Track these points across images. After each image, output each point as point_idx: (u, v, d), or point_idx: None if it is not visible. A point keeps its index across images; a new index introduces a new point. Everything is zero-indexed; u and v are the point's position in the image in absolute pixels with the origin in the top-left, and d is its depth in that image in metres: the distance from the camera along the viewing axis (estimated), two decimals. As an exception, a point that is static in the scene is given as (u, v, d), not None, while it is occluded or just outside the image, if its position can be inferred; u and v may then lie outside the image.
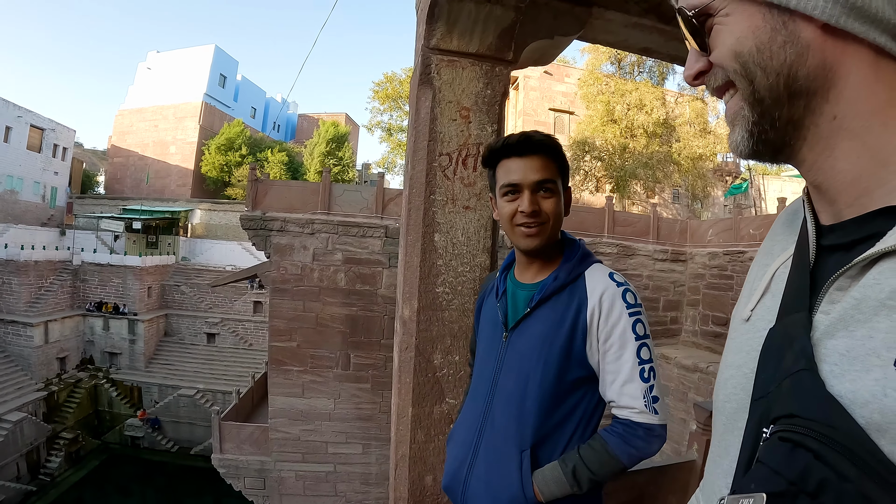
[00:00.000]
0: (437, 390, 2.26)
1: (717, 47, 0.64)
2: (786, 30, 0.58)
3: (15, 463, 24.16)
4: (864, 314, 0.52)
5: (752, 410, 0.63)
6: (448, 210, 2.25)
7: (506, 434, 1.50)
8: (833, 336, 0.55)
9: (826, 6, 0.55)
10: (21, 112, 36.04)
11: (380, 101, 35.40)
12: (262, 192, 14.32)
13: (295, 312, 13.95)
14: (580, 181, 26.31)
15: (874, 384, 0.48)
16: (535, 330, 1.51)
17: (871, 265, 0.53)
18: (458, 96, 2.28)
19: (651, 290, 15.98)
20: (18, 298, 28.44)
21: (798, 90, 0.58)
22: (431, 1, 2.12)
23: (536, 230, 1.50)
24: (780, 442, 0.54)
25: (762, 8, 0.58)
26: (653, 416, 1.41)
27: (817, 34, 0.57)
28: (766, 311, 0.69)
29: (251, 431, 15.42)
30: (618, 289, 1.48)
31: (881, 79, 0.56)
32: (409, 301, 2.26)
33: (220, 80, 48.88)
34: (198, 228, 39.68)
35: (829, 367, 0.54)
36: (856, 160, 0.57)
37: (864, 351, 0.50)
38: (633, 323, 1.44)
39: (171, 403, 29.07)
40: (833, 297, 0.57)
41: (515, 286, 1.62)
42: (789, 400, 0.55)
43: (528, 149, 1.52)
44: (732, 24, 0.61)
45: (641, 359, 1.43)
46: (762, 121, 0.62)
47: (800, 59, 0.57)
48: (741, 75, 0.61)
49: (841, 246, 0.60)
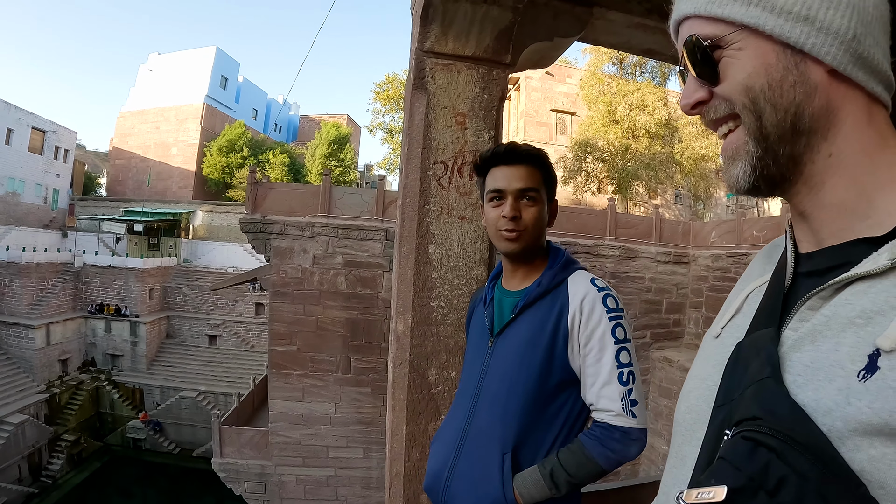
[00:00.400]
0: (432, 407, 2.18)
1: (725, 80, 0.66)
2: (797, 70, 0.61)
3: (17, 465, 24.21)
4: (832, 330, 0.56)
5: (714, 416, 0.66)
6: (443, 220, 2.16)
7: (489, 436, 1.52)
8: (799, 350, 0.58)
9: (837, 53, 0.60)
10: (22, 114, 36.05)
11: (381, 103, 35.34)
12: (262, 195, 14.25)
13: (295, 316, 13.89)
14: (582, 182, 26.18)
15: (837, 393, 0.51)
16: (519, 335, 1.55)
17: (844, 287, 0.57)
18: (454, 101, 2.18)
19: (654, 293, 15.91)
20: (20, 301, 28.45)
21: (802, 128, 0.62)
22: (425, 1, 2.02)
23: (516, 235, 1.55)
24: (742, 440, 0.56)
25: (776, 46, 0.62)
26: (630, 419, 1.42)
27: (824, 78, 0.61)
28: (736, 328, 0.73)
29: (251, 435, 15.40)
30: (598, 293, 1.50)
31: (873, 123, 0.62)
32: (402, 315, 2.18)
33: (222, 81, 48.92)
34: (199, 230, 39.70)
35: (792, 378, 0.57)
36: (843, 194, 0.62)
37: (829, 363, 0.54)
38: (613, 327, 1.46)
39: (172, 405, 29.08)
40: (804, 316, 0.61)
41: (502, 294, 1.67)
42: (753, 404, 0.57)
43: (514, 158, 1.59)
44: (745, 59, 0.64)
45: (620, 362, 1.44)
46: (766, 156, 0.65)
47: (808, 99, 0.61)
48: (750, 110, 0.64)
49: (817, 272, 0.64)
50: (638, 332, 15.47)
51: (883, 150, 0.61)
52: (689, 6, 0.68)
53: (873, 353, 0.50)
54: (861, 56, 0.60)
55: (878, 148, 0.61)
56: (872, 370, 0.50)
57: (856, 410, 0.49)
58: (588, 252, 15.14)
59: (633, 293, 15.60)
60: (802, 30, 0.60)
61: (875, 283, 0.54)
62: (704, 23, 0.66)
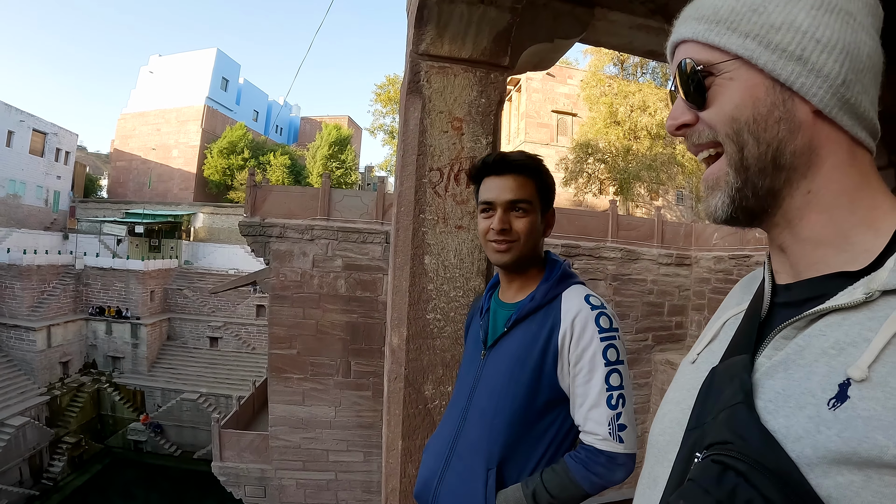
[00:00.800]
0: (428, 422, 2.12)
1: (711, 106, 0.68)
2: (784, 107, 0.63)
3: (18, 467, 24.24)
4: (805, 359, 0.57)
5: (685, 439, 0.67)
6: (439, 230, 2.09)
7: (475, 450, 1.50)
8: (772, 377, 0.60)
9: (825, 96, 0.62)
10: (23, 116, 36.05)
11: (382, 104, 35.40)
12: (261, 198, 14.19)
13: (295, 320, 13.85)
14: (583, 184, 26.19)
15: (807, 421, 0.53)
16: (510, 350, 1.52)
17: (819, 318, 0.59)
18: (450, 106, 2.11)
19: (656, 295, 15.85)
20: (21, 303, 28.44)
21: (783, 164, 0.64)
22: (420, 2, 1.95)
23: (506, 247, 1.53)
24: (712, 463, 0.57)
25: (767, 81, 0.64)
26: (617, 444, 1.38)
27: (810, 117, 0.63)
28: (712, 354, 0.74)
29: (251, 439, 15.37)
30: (591, 312, 1.45)
31: (855, 164, 0.64)
32: (397, 328, 2.11)
33: (223, 83, 48.94)
34: (200, 232, 39.70)
35: (764, 404, 0.58)
36: (821, 230, 0.64)
37: (801, 390, 0.55)
38: (605, 348, 1.41)
39: (173, 407, 29.08)
40: (777, 345, 0.63)
41: (498, 305, 1.64)
42: (724, 429, 0.59)
43: (505, 168, 1.55)
44: (734, 89, 0.66)
45: (610, 385, 1.40)
46: (745, 188, 0.66)
47: (791, 136, 0.63)
48: (733, 140, 0.66)
49: (793, 302, 0.65)
50: (640, 335, 15.44)
51: (862, 191, 0.63)
52: (688, 31, 0.70)
53: (844, 383, 0.52)
54: (848, 101, 0.62)
55: (858, 189, 0.63)
56: (842, 399, 0.51)
57: (825, 438, 0.51)
58: (589, 254, 15.08)
59: (635, 295, 15.54)
60: (794, 69, 0.62)
61: (850, 315, 0.56)
62: (700, 48, 0.68)
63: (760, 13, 0.64)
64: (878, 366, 0.51)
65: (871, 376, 0.50)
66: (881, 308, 0.54)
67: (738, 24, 0.65)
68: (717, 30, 0.67)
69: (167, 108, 46.18)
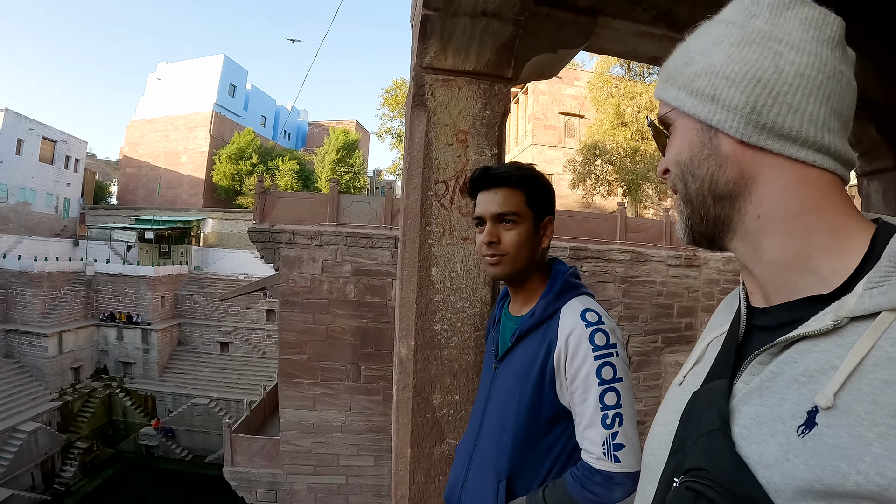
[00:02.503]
0: (436, 431, 2.14)
1: (667, 153, 0.76)
2: (710, 144, 0.68)
3: (30, 473, 24.43)
4: (777, 386, 0.59)
5: (668, 463, 0.69)
6: (445, 242, 2.11)
7: (487, 462, 1.54)
8: (748, 403, 0.62)
9: (739, 126, 0.65)
10: (32, 125, 36.32)
11: (389, 108, 35.47)
12: (270, 205, 14.23)
13: (305, 325, 13.84)
14: (591, 185, 26.09)
15: (778, 448, 0.54)
16: (514, 366, 1.54)
17: (791, 345, 0.60)
18: (455, 118, 2.12)
19: (665, 297, 15.76)
20: (32, 309, 28.67)
21: (721, 194, 0.68)
22: (423, 16, 1.97)
23: (497, 259, 1.54)
24: (685, 490, 0.60)
25: (696, 125, 0.70)
26: (612, 463, 1.36)
27: (736, 148, 0.67)
28: (696, 377, 0.77)
29: (262, 444, 15.38)
30: (586, 330, 1.42)
31: (806, 186, 0.64)
32: (405, 339, 2.13)
33: (230, 89, 49.07)
34: (210, 238, 39.84)
35: (739, 430, 0.60)
36: (781, 254, 0.65)
37: (772, 417, 0.57)
38: (599, 367, 1.39)
39: (184, 412, 29.19)
40: (754, 370, 0.64)
41: (507, 317, 1.66)
42: (700, 455, 0.61)
43: (491, 182, 1.57)
44: (677, 136, 0.73)
45: (605, 404, 1.38)
46: (693, 216, 0.72)
47: (720, 168, 0.68)
48: (679, 179, 0.73)
49: (769, 327, 0.66)
50: (649, 337, 15.36)
51: (820, 212, 0.63)
52: (656, 90, 0.79)
53: (812, 410, 0.53)
54: (765, 126, 0.64)
55: (814, 211, 0.63)
56: (811, 426, 0.53)
57: (793, 466, 0.52)
58: (598, 257, 15.03)
59: (644, 297, 15.47)
60: (710, 108, 0.67)
61: (819, 342, 0.57)
62: (661, 104, 0.76)
63: (689, 64, 0.71)
64: (844, 393, 0.52)
65: (837, 404, 0.52)
66: (850, 335, 0.55)
67: (675, 79, 0.72)
68: (664, 87, 0.75)
69: (175, 115, 46.35)
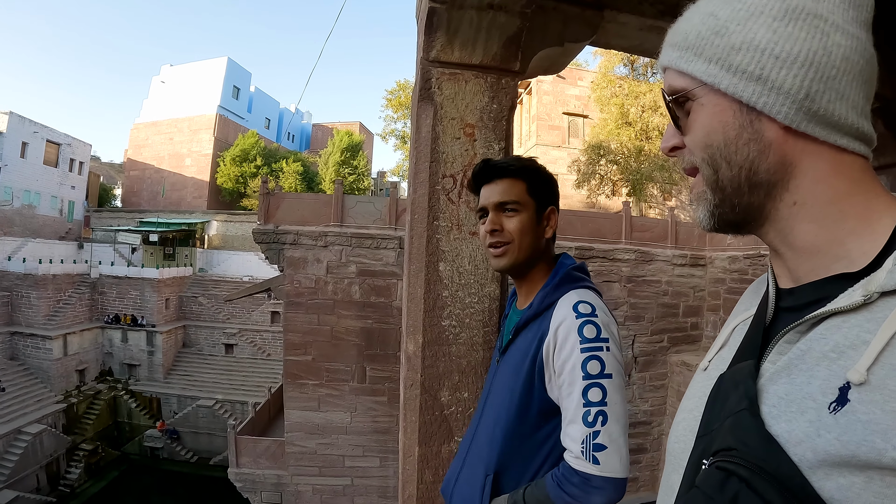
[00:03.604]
0: (444, 429, 2.10)
1: (689, 133, 0.70)
2: (751, 128, 0.64)
3: (35, 474, 24.49)
4: (806, 363, 0.58)
5: (695, 447, 0.68)
6: (453, 237, 2.08)
7: (480, 456, 1.53)
8: (776, 382, 0.60)
9: (789, 112, 0.61)
10: (37, 127, 36.37)
11: (393, 110, 35.36)
12: (275, 206, 14.24)
13: (309, 326, 13.85)
14: (596, 185, 26.02)
15: (808, 425, 0.54)
16: (512, 358, 1.53)
17: (820, 322, 0.59)
18: (462, 112, 2.10)
19: (670, 296, 15.72)
20: (37, 312, 28.76)
21: (758, 182, 0.65)
22: (429, 9, 1.95)
23: (501, 250, 1.54)
24: (716, 470, 0.59)
25: (733, 104, 0.64)
26: (591, 465, 1.27)
27: (779, 134, 0.63)
28: (721, 361, 0.75)
29: (267, 445, 15.39)
30: (576, 321, 1.36)
31: (840, 172, 0.63)
32: (413, 335, 2.10)
33: (234, 91, 49.22)
34: (214, 240, 39.90)
35: (768, 409, 0.59)
36: (813, 240, 0.63)
37: (802, 395, 0.56)
38: (585, 360, 1.32)
39: (189, 414, 29.25)
40: (781, 349, 0.63)
41: (513, 312, 1.66)
42: (729, 435, 0.60)
43: (492, 174, 1.58)
44: (705, 115, 0.67)
45: (588, 400, 1.30)
46: (723, 205, 0.68)
47: (761, 155, 0.64)
48: (707, 164, 0.68)
49: (796, 307, 0.65)
50: (655, 336, 15.33)
51: (853, 197, 0.62)
52: (666, 58, 0.72)
53: (844, 387, 0.52)
54: (816, 113, 0.61)
55: (848, 196, 0.62)
56: (843, 403, 0.52)
57: (825, 442, 0.51)
58: (603, 257, 15.00)
59: (650, 297, 15.44)
60: (755, 89, 0.62)
61: (849, 318, 0.56)
62: (676, 75, 0.70)
63: (722, 35, 0.65)
64: (877, 368, 0.51)
65: (869, 379, 0.51)
66: (880, 309, 0.54)
67: (703, 50, 0.66)
68: (686, 56, 0.68)
69: (179, 118, 46.53)
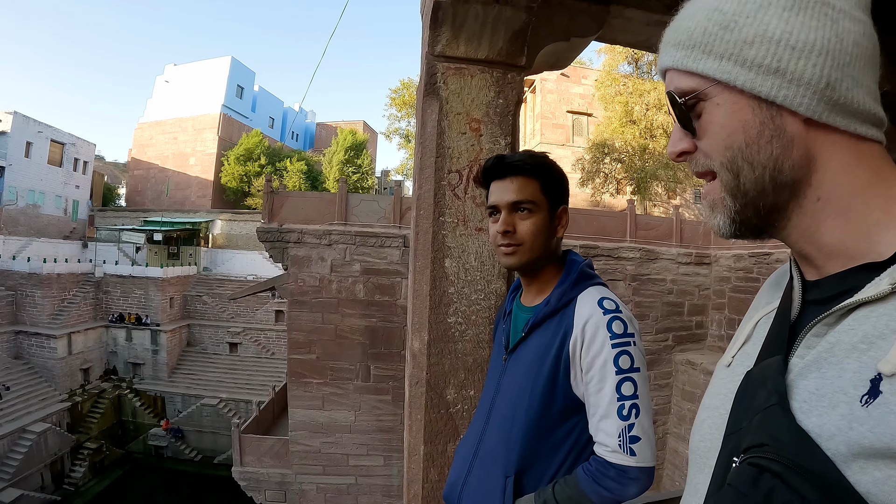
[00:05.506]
0: (450, 427, 2.09)
1: (705, 136, 0.66)
2: (773, 124, 0.61)
3: (39, 473, 24.50)
4: (836, 356, 0.56)
5: (724, 445, 0.66)
6: (459, 233, 2.06)
7: (495, 457, 1.49)
8: (806, 377, 0.58)
9: (811, 104, 0.59)
10: (41, 127, 36.50)
11: (397, 108, 35.44)
12: (279, 205, 14.24)
13: (314, 325, 13.85)
14: (600, 184, 26.01)
15: (840, 419, 0.52)
16: (527, 356, 1.50)
17: (848, 314, 0.57)
18: (468, 107, 2.08)
19: (675, 295, 15.70)
20: (42, 311, 28.79)
21: (783, 181, 0.62)
22: (435, 3, 1.93)
23: (512, 250, 1.51)
24: (748, 467, 0.57)
25: (751, 101, 0.62)
26: (628, 457, 1.31)
27: (801, 128, 0.61)
28: (746, 357, 0.73)
29: (271, 444, 15.40)
30: (603, 317, 1.37)
31: (862, 161, 0.61)
32: (418, 332, 2.08)
33: (238, 91, 49.25)
34: (218, 239, 39.96)
35: (798, 404, 0.57)
36: (840, 235, 0.61)
37: (833, 389, 0.54)
38: (617, 355, 1.34)
39: (194, 413, 29.27)
40: (809, 343, 0.61)
41: (518, 309, 1.63)
42: (760, 432, 0.58)
43: (505, 170, 1.53)
44: (722, 115, 0.64)
45: (622, 394, 1.32)
46: (745, 210, 0.65)
47: (785, 151, 0.61)
48: (727, 169, 0.64)
49: (823, 299, 0.63)
50: (660, 335, 15.31)
51: (876, 186, 0.60)
52: (668, 59, 0.69)
53: (875, 378, 0.50)
54: (837, 102, 0.59)
55: (870, 185, 0.60)
56: (875, 395, 0.50)
57: (858, 435, 0.49)
58: (608, 255, 14.99)
59: (655, 295, 15.42)
60: (774, 83, 0.60)
61: (877, 307, 0.54)
62: (683, 76, 0.67)
63: (732, 30, 0.62)
64: None
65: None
66: None
67: (712, 46, 0.63)
68: (693, 55, 0.65)
69: (183, 117, 46.58)
